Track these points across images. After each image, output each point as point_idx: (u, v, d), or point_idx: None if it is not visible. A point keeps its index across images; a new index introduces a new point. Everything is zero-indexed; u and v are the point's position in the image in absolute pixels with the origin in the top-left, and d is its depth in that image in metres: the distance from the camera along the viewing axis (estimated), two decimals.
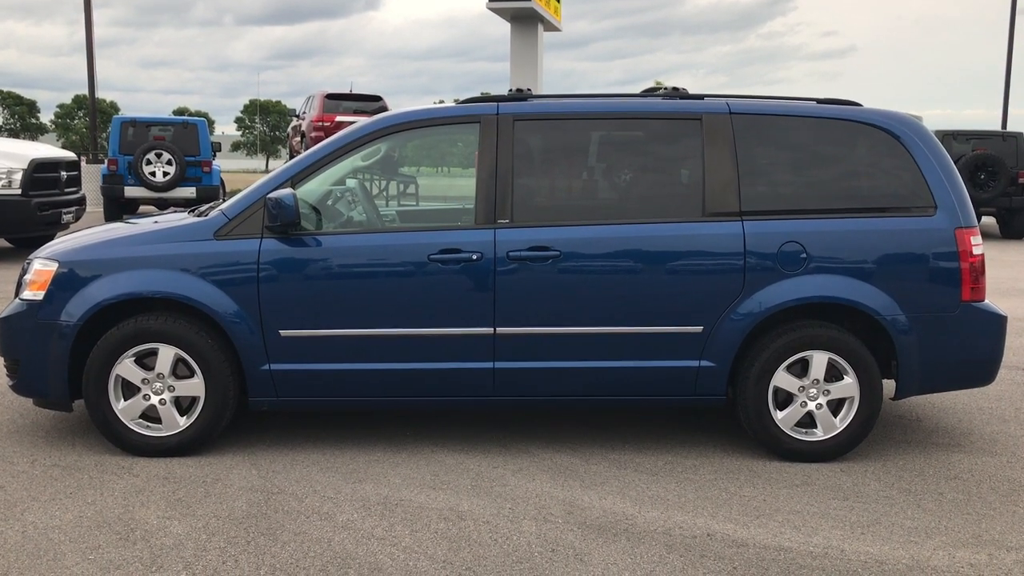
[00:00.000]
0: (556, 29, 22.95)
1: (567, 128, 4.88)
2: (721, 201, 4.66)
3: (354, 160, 4.96)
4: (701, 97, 4.92)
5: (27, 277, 4.75)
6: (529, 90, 4.96)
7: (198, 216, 4.91)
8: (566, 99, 4.96)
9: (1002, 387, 6.18)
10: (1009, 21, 26.32)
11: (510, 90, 5.00)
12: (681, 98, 4.93)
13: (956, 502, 4.27)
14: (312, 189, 4.81)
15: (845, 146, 4.81)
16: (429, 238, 4.64)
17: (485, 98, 4.87)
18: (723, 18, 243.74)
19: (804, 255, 4.61)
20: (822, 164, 4.82)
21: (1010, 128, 25.41)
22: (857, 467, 4.68)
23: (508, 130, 4.70)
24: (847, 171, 4.82)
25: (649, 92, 5.36)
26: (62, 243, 4.94)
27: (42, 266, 4.71)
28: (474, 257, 4.56)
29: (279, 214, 4.45)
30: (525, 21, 20.94)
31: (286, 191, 4.50)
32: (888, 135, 4.76)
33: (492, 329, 4.60)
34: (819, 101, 4.95)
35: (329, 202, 5.13)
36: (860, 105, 4.94)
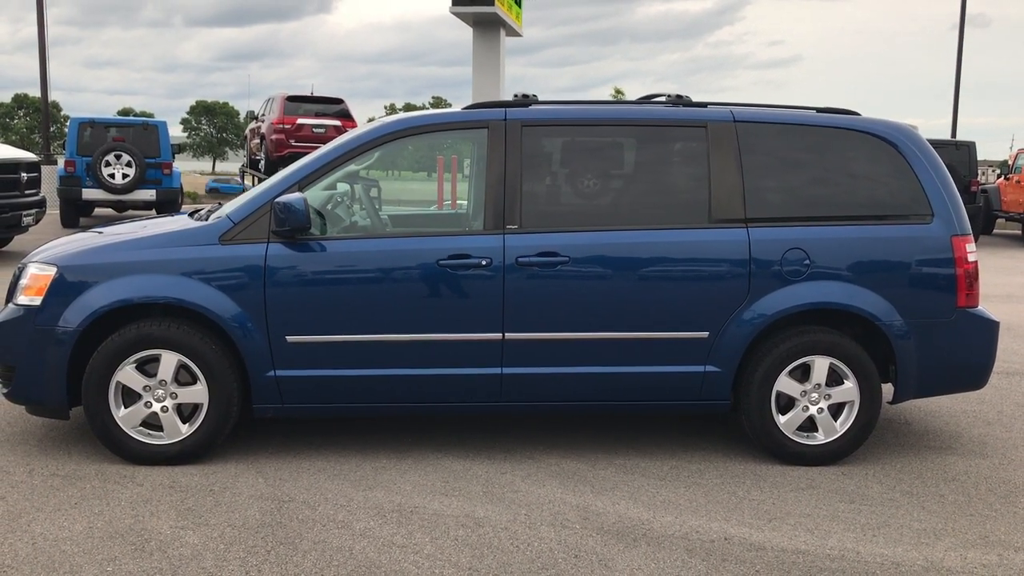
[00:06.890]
0: (517, 35, 22.97)
1: (575, 134, 4.91)
2: (727, 208, 4.71)
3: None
4: (704, 105, 4.96)
5: (23, 282, 4.62)
6: (535, 96, 4.96)
7: (197, 220, 4.83)
8: (571, 105, 4.96)
9: (981, 391, 6.31)
10: (959, 33, 26.98)
11: (517, 95, 4.98)
12: (685, 105, 4.97)
13: (958, 504, 4.36)
14: (318, 194, 4.76)
15: (846, 154, 4.89)
16: (438, 243, 4.61)
17: (491, 103, 4.86)
18: (672, 27, 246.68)
19: (807, 261, 4.68)
20: (824, 172, 4.89)
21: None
22: (857, 470, 4.76)
23: (516, 135, 4.69)
24: (848, 179, 4.90)
25: (647, 99, 5.40)
26: (58, 247, 4.82)
27: (39, 271, 4.58)
28: (483, 263, 4.55)
29: (288, 218, 4.39)
30: (488, 26, 20.93)
31: (296, 195, 4.45)
32: (887, 144, 4.85)
33: (501, 335, 4.59)
34: (818, 110, 5.03)
35: (329, 206, 5.08)
36: (858, 114, 5.03)
